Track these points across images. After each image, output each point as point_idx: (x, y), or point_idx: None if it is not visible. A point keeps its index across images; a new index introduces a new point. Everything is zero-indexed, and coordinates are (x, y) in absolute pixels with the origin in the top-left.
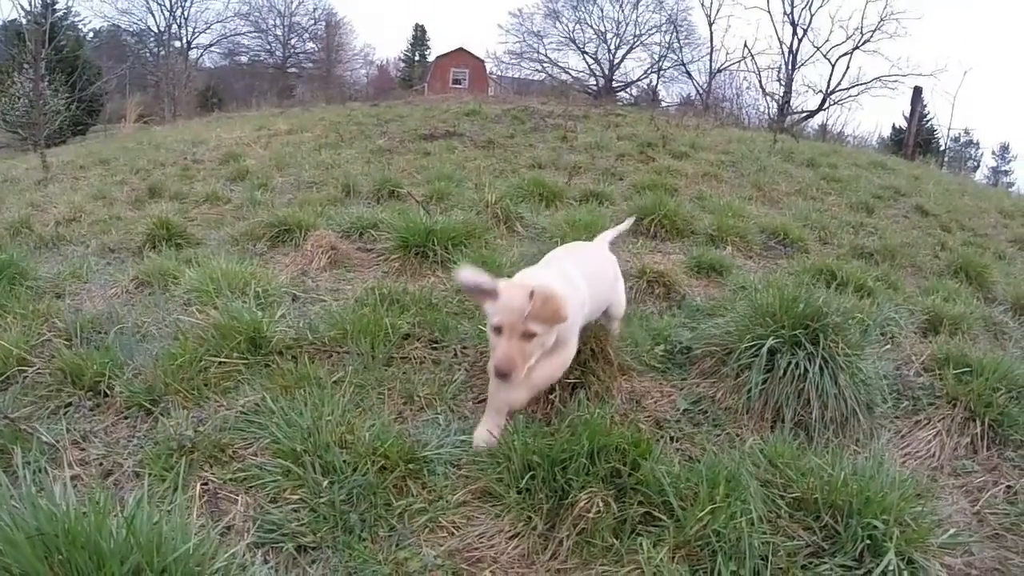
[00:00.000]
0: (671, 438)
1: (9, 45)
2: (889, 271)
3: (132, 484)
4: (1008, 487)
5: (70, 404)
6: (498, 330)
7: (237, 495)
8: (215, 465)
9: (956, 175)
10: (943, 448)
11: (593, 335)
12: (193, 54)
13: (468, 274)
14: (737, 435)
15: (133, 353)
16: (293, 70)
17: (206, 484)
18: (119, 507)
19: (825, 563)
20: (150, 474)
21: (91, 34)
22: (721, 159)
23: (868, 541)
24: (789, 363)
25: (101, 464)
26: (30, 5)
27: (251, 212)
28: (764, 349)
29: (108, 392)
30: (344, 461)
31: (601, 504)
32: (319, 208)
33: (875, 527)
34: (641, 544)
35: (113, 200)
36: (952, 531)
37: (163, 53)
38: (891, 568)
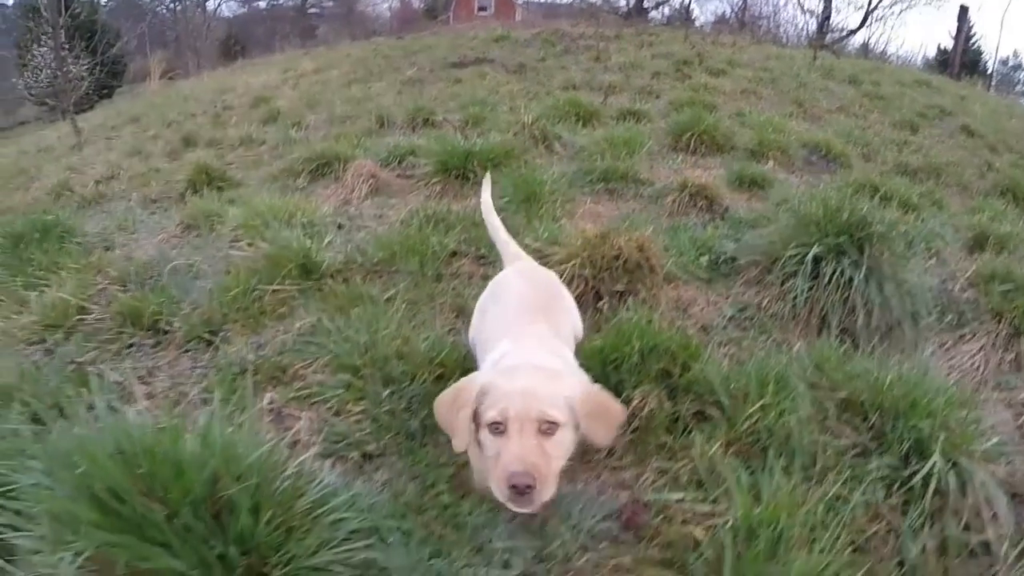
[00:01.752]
0: (718, 343)
1: (25, 20)
2: (934, 188)
3: (199, 411)
4: None
5: (132, 345)
6: (497, 427)
7: (301, 412)
8: (278, 385)
9: (1004, 98)
10: (987, 363)
11: (638, 245)
12: (210, 4)
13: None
14: (784, 341)
15: (188, 290)
16: (314, 10)
17: (270, 403)
18: (191, 426)
19: (872, 463)
20: (217, 397)
21: None
22: (760, 76)
23: (913, 443)
24: (834, 271)
25: (168, 396)
26: None
27: (287, 151)
28: (809, 257)
29: (167, 329)
30: (402, 372)
31: (655, 402)
32: (355, 140)
33: (920, 430)
34: (694, 440)
35: (149, 154)
36: (995, 440)
37: (179, 7)
38: (936, 470)
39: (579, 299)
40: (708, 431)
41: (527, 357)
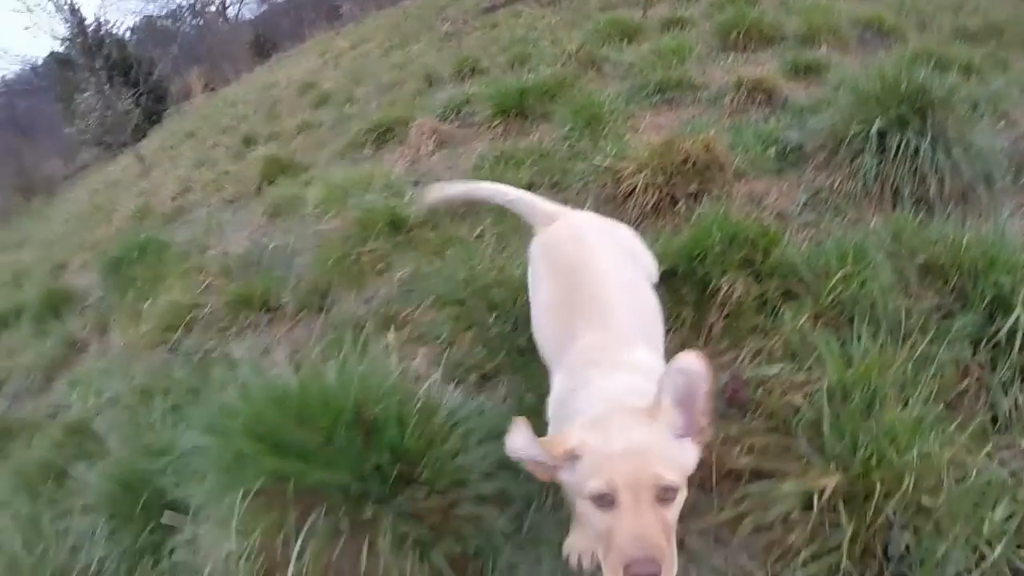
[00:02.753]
0: (796, 228)
1: (61, 72)
2: (996, 50)
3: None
4: None
5: (248, 326)
6: (603, 501)
7: (417, 350)
8: (391, 331)
9: None
10: None
11: (704, 146)
12: (231, 11)
13: (519, 439)
14: (859, 218)
15: (289, 267)
16: None
17: (387, 346)
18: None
19: (956, 322)
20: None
21: (128, 33)
22: None
23: (996, 300)
24: (900, 142)
25: (291, 363)
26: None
27: (346, 127)
28: (873, 132)
29: (278, 306)
30: (503, 298)
31: (741, 288)
32: (410, 103)
33: (1001, 285)
34: (784, 317)
35: (214, 162)
36: None
37: (202, 22)
38: (1021, 324)
39: (655, 206)
40: (795, 308)
41: (614, 392)
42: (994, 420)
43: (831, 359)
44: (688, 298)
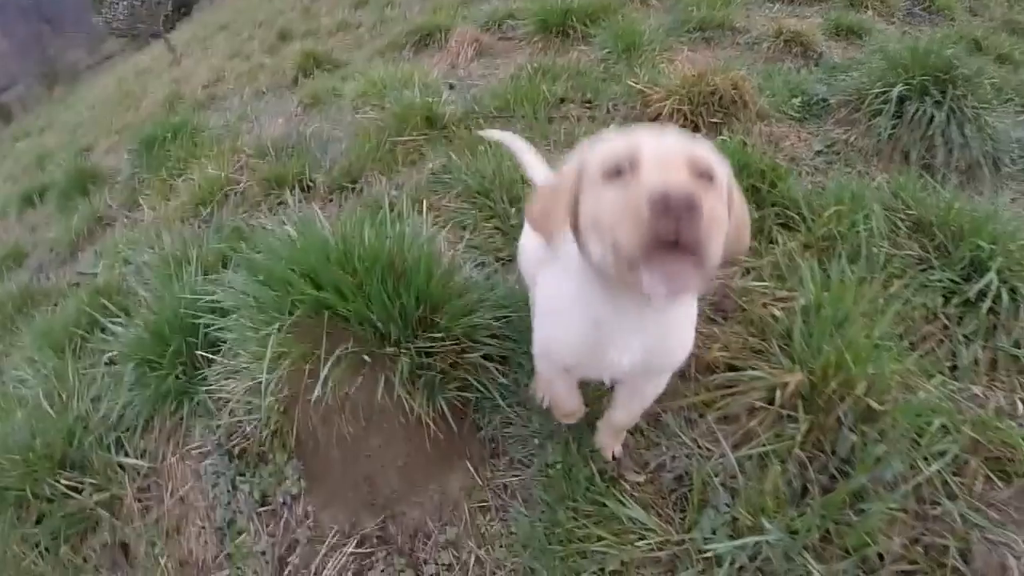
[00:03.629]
0: (805, 172)
1: None
2: None
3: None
4: None
5: (281, 202)
6: (618, 172)
7: (441, 232)
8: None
9: None
10: None
11: (733, 83)
12: None
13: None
14: (866, 173)
15: (325, 151)
16: None
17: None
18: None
19: (935, 274)
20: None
21: None
22: None
23: (973, 261)
24: (917, 110)
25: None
26: None
27: (385, 29)
28: (893, 95)
29: (311, 185)
30: (526, 193)
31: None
32: (453, 11)
33: (981, 248)
34: (777, 241)
35: (248, 54)
36: None
37: None
38: (992, 287)
39: None
40: (789, 236)
41: None
42: (953, 368)
43: (811, 280)
44: None
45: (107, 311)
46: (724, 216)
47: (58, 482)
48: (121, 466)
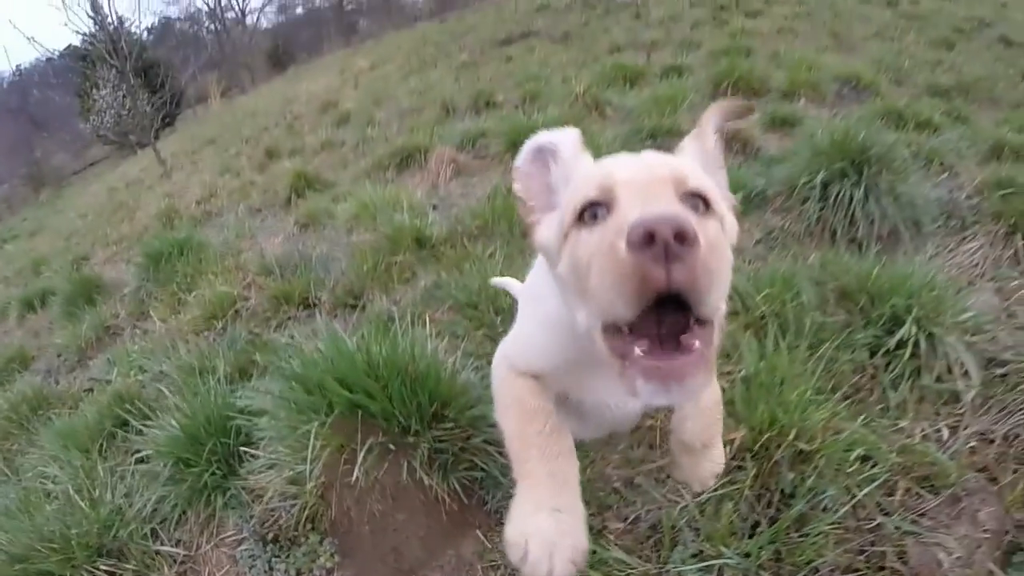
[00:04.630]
0: (747, 261)
1: (81, 68)
2: (961, 106)
3: None
4: None
5: (289, 319)
6: (592, 213)
7: (440, 340)
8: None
9: None
10: (986, 259)
11: None
12: (249, 20)
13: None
14: (801, 254)
15: (327, 271)
16: (351, 6)
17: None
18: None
19: (860, 333)
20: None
21: (146, 33)
22: (796, 11)
23: (892, 318)
24: (839, 192)
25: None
26: (95, 26)
27: (368, 148)
28: (818, 181)
29: (316, 303)
30: (509, 304)
31: None
32: (430, 131)
33: (896, 306)
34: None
35: (238, 170)
36: (972, 314)
37: (219, 27)
38: (910, 336)
39: None
40: (732, 319)
41: None
42: (884, 409)
43: (750, 354)
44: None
45: (131, 414)
46: (726, 249)
47: (97, 568)
48: (158, 553)
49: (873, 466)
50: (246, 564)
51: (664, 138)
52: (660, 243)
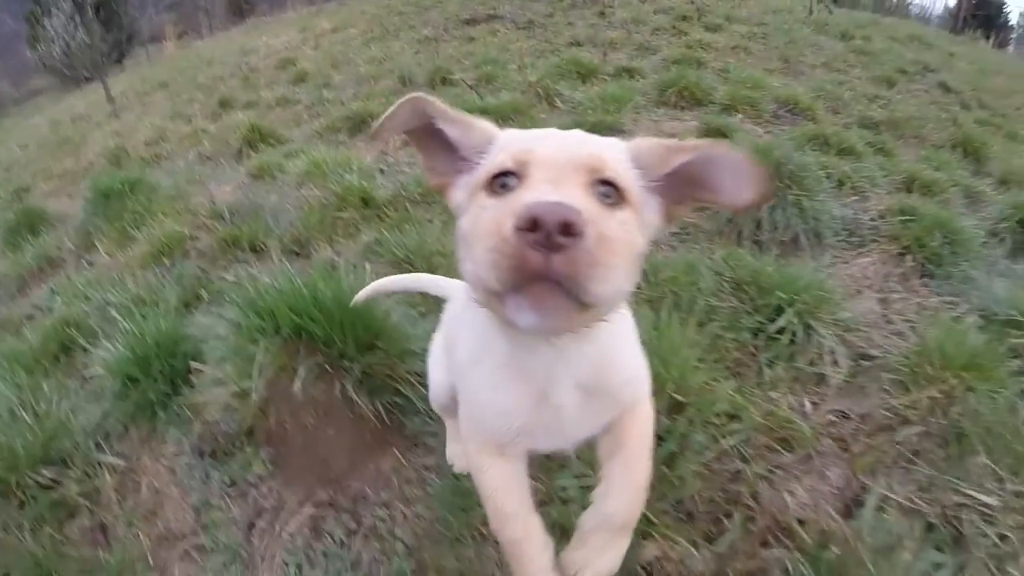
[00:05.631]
0: (663, 248)
1: None
2: (888, 139)
3: None
4: (920, 303)
5: (237, 261)
6: (502, 183)
7: None
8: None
9: (1001, 52)
10: (877, 274)
11: None
12: None
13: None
14: (710, 249)
15: (276, 220)
16: None
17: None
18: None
19: (746, 319)
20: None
21: None
22: (753, 31)
23: (775, 308)
24: None
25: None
26: None
27: (323, 110)
28: None
29: (263, 248)
30: (441, 263)
31: None
32: (384, 99)
33: (781, 298)
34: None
35: (190, 117)
36: (850, 315)
37: None
38: (789, 325)
39: None
40: (636, 297)
41: None
42: (759, 384)
43: (644, 323)
44: None
45: (76, 342)
46: (631, 240)
47: (40, 475)
48: (100, 463)
49: (739, 423)
50: (184, 474)
51: (604, 133)
52: (543, 231)
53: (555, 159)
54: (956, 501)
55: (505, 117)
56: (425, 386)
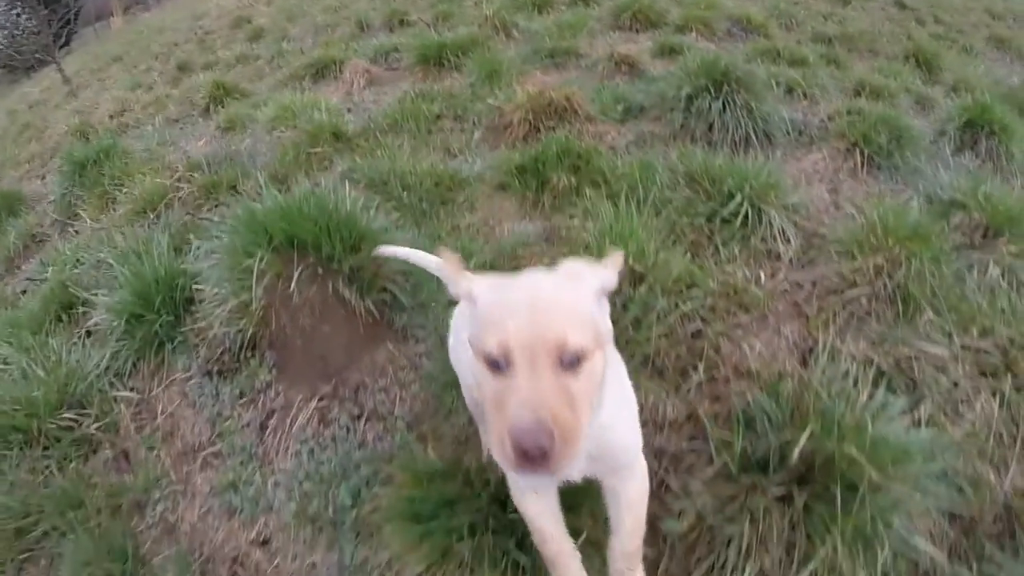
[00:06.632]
0: (621, 154)
1: None
2: (840, 53)
3: None
4: (867, 191)
5: (219, 204)
6: (496, 364)
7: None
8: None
9: None
10: (827, 168)
11: (565, 96)
12: None
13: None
14: (664, 151)
15: (253, 163)
16: None
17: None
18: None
19: (699, 207)
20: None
21: None
22: None
23: (727, 195)
24: (700, 105)
25: None
26: None
27: (284, 62)
28: (683, 94)
29: (245, 190)
30: (413, 181)
31: (564, 180)
32: (344, 45)
33: (731, 185)
34: (587, 193)
35: (150, 85)
36: (798, 200)
37: None
38: (741, 209)
39: (524, 135)
40: (595, 191)
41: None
42: (716, 262)
43: (605, 215)
44: (531, 185)
45: (76, 297)
46: (595, 382)
47: (60, 419)
48: (115, 399)
49: (697, 289)
50: (195, 394)
51: (563, 57)
52: (528, 453)
53: (530, 345)
54: (907, 354)
55: (464, 50)
56: (409, 284)
